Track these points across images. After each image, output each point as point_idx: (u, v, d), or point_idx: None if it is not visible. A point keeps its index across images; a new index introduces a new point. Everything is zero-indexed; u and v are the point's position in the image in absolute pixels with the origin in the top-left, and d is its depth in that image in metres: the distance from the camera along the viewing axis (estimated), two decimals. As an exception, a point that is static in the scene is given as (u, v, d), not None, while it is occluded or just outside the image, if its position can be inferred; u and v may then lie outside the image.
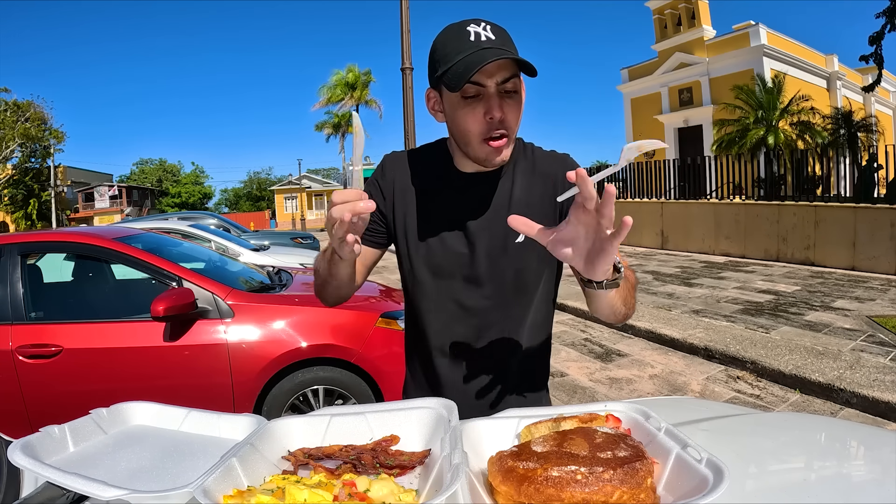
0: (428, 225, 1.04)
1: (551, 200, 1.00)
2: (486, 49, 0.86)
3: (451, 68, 0.87)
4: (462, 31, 0.88)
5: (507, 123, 0.92)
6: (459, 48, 0.87)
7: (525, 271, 1.03)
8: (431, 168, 1.06)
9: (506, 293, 1.04)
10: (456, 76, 0.86)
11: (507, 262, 1.01)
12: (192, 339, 2.60)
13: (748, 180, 9.84)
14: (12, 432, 2.51)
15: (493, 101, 0.89)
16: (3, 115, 26.89)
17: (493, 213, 1.02)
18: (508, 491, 0.54)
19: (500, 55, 0.84)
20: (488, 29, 0.89)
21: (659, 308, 5.74)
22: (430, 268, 1.05)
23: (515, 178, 1.04)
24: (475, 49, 0.86)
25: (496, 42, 0.88)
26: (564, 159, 1.07)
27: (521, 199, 1.03)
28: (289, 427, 0.72)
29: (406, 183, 1.06)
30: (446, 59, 0.89)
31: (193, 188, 50.84)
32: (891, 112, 22.14)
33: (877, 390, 3.24)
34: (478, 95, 0.89)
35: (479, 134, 0.92)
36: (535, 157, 1.07)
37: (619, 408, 0.71)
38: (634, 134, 21.09)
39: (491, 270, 1.02)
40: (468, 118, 0.91)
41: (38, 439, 0.66)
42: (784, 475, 0.70)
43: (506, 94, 0.90)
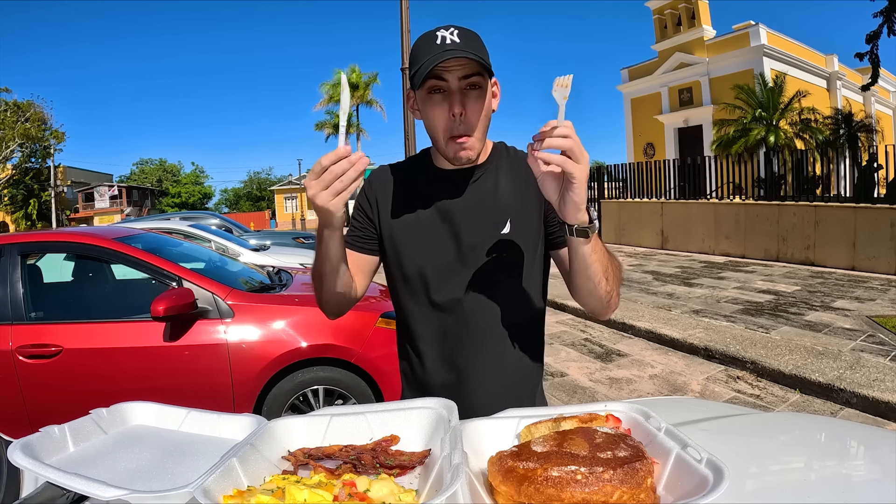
0: (413, 224, 1.07)
1: (535, 197, 1.05)
2: (447, 50, 0.93)
3: (417, 70, 0.96)
4: (432, 36, 0.96)
5: (469, 121, 0.98)
6: (427, 51, 0.95)
7: (512, 263, 1.05)
8: (414, 173, 1.12)
9: (494, 286, 1.05)
10: (419, 74, 0.94)
11: (494, 255, 1.04)
12: (192, 339, 2.60)
13: (748, 180, 9.84)
14: (12, 432, 2.51)
15: (454, 97, 0.96)
16: (3, 115, 26.88)
17: (478, 207, 1.06)
18: (508, 491, 0.54)
19: (456, 55, 0.92)
20: (455, 33, 0.96)
21: (659, 308, 5.74)
22: (417, 266, 1.06)
23: (499, 174, 1.09)
24: (438, 51, 0.94)
25: (460, 45, 0.94)
26: None
27: (505, 193, 1.07)
28: (289, 427, 0.72)
29: (390, 190, 1.11)
30: (416, 61, 0.97)
31: (193, 188, 50.84)
32: (891, 112, 22.14)
33: (877, 390, 3.24)
34: (442, 91, 0.97)
35: (444, 130, 0.99)
36: (517, 156, 1.12)
37: (619, 408, 0.70)
38: (635, 134, 21.10)
39: (478, 264, 1.04)
40: (434, 113, 0.99)
41: (38, 439, 0.66)
42: (784, 475, 0.70)
43: (469, 89, 0.97)
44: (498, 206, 1.06)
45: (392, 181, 1.12)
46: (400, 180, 1.12)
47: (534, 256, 1.08)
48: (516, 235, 1.05)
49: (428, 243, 1.06)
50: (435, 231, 1.06)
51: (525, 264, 1.07)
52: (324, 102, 28.83)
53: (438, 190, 1.08)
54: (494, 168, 1.10)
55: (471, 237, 1.04)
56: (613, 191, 13.18)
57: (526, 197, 1.07)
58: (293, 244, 9.36)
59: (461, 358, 1.07)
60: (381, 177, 1.14)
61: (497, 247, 1.05)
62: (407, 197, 1.09)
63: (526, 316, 1.10)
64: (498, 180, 1.09)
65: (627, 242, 11.57)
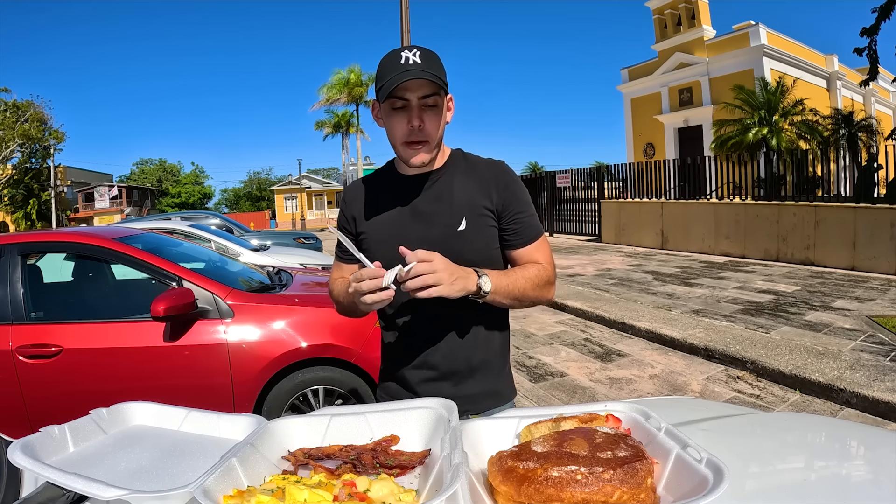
0: (384, 227, 1.20)
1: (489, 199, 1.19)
2: (409, 70, 1.06)
3: (383, 85, 1.08)
4: (397, 56, 1.09)
5: (426, 131, 1.11)
6: (392, 69, 1.07)
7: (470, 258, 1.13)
8: (381, 182, 1.26)
9: None
10: (383, 91, 1.07)
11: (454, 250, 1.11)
12: (192, 339, 2.60)
13: (748, 180, 9.84)
14: (12, 432, 2.51)
15: (413, 112, 1.10)
16: (3, 116, 26.87)
17: (436, 207, 1.18)
18: (508, 491, 0.54)
19: (418, 76, 1.05)
20: (417, 55, 1.08)
21: (659, 308, 5.74)
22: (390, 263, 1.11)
23: (455, 177, 1.21)
24: (401, 70, 1.06)
25: (421, 66, 1.07)
26: (500, 164, 1.24)
27: (461, 194, 1.19)
28: (289, 427, 0.72)
29: (362, 202, 1.25)
30: (382, 77, 1.09)
31: (193, 188, 50.84)
32: (891, 112, 22.14)
33: (877, 390, 3.24)
34: (403, 107, 1.10)
35: (401, 137, 1.12)
36: (472, 162, 1.25)
37: (619, 408, 0.70)
38: (635, 134, 21.10)
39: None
40: (394, 124, 1.12)
41: (38, 439, 0.66)
42: (784, 475, 0.70)
43: (427, 107, 1.10)
44: (454, 206, 1.18)
45: (363, 193, 1.26)
46: (369, 191, 1.26)
47: (489, 251, 1.20)
48: (471, 232, 1.17)
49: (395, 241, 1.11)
50: (402, 231, 1.17)
51: (482, 258, 1.17)
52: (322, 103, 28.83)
53: (401, 194, 1.21)
54: (451, 172, 1.22)
55: (432, 234, 1.15)
56: (613, 191, 13.18)
57: (479, 198, 1.19)
58: (293, 244, 9.36)
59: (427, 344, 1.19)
60: (354, 192, 1.28)
61: (455, 242, 1.15)
62: (376, 204, 1.23)
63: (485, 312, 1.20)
64: (454, 183, 1.20)
65: (627, 242, 11.57)
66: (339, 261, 1.33)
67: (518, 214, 1.21)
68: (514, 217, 1.21)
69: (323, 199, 43.05)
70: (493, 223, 1.19)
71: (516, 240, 1.21)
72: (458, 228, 1.16)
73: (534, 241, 1.23)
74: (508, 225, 1.20)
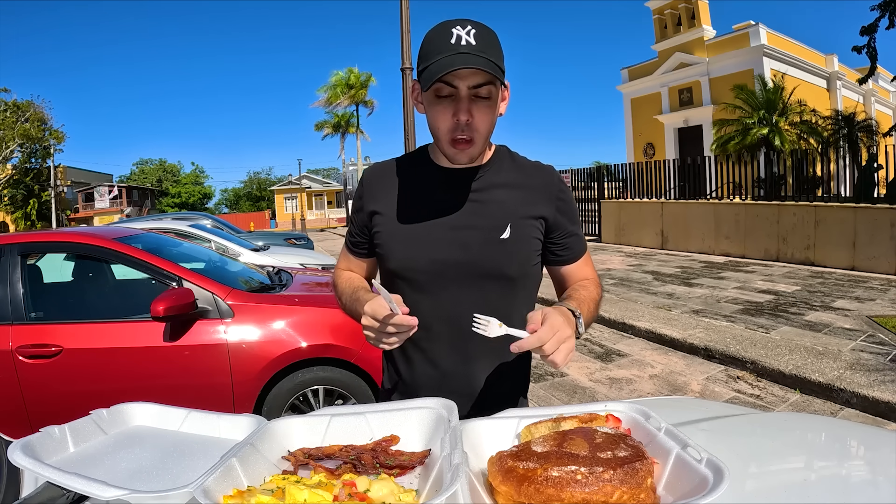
0: (410, 222, 1.04)
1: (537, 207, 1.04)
2: (461, 54, 0.88)
3: (427, 67, 0.91)
4: (447, 31, 0.91)
5: (474, 126, 0.95)
6: (440, 49, 0.90)
7: (504, 266, 1.02)
8: (412, 170, 1.09)
9: (487, 292, 1.03)
10: (428, 76, 0.90)
11: (486, 257, 1.01)
12: (192, 339, 2.60)
13: (748, 180, 9.84)
14: (12, 432, 2.51)
15: (461, 104, 0.93)
16: (3, 116, 26.87)
17: (478, 209, 1.03)
18: (508, 491, 0.54)
19: (471, 63, 0.87)
20: (472, 34, 0.90)
21: (659, 308, 5.74)
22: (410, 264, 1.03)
23: (501, 178, 1.06)
24: (452, 53, 0.89)
25: (476, 48, 0.89)
26: (552, 170, 1.11)
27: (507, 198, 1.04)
28: (289, 427, 0.72)
29: (386, 188, 1.08)
30: (427, 56, 0.92)
31: (193, 188, 50.84)
32: (891, 112, 22.13)
33: (877, 390, 3.24)
34: (450, 96, 0.93)
35: (446, 132, 0.96)
36: (519, 163, 1.10)
37: (619, 408, 0.70)
38: (635, 134, 21.09)
39: (474, 267, 1.02)
40: (438, 116, 0.96)
41: (38, 439, 0.66)
42: (784, 475, 0.70)
43: (478, 98, 0.93)
44: (499, 210, 1.03)
45: (388, 179, 1.09)
46: (396, 178, 1.09)
47: (530, 265, 1.06)
48: (516, 242, 1.03)
49: (424, 242, 1.02)
50: (432, 230, 1.02)
51: (522, 272, 1.05)
52: (321, 103, 28.85)
53: (438, 188, 1.05)
54: (496, 171, 1.06)
55: (470, 239, 1.01)
56: (613, 191, 13.18)
57: (527, 205, 1.05)
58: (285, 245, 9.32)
59: (448, 363, 1.04)
60: (376, 177, 1.10)
61: (495, 252, 1.02)
62: (404, 194, 1.06)
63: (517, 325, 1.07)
64: (500, 184, 1.05)
65: (627, 242, 11.56)
66: (350, 252, 1.17)
67: (571, 228, 1.09)
68: (567, 231, 1.08)
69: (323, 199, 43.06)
70: (539, 235, 1.06)
71: (568, 255, 1.09)
72: (502, 236, 1.01)
73: (583, 255, 1.12)
74: (561, 240, 1.08)
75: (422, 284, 1.03)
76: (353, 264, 1.18)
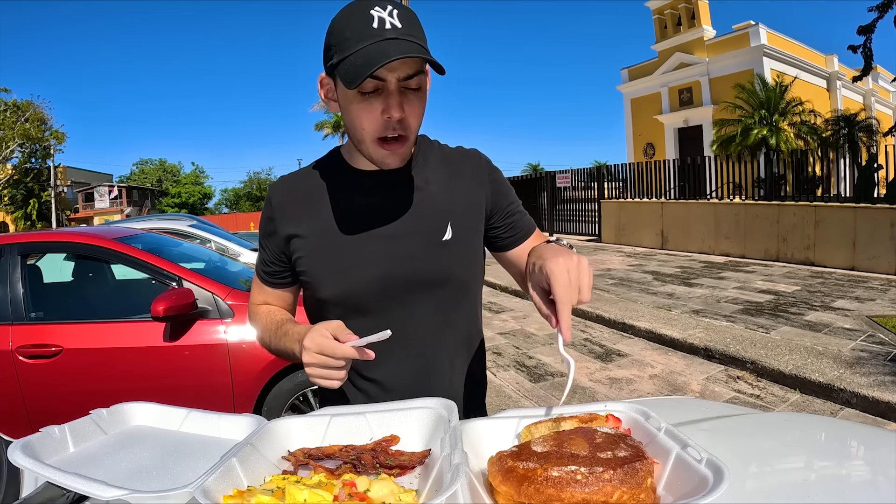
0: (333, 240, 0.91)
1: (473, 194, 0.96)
2: (390, 40, 0.75)
3: (348, 58, 0.77)
4: (364, 14, 0.76)
5: (407, 123, 0.83)
6: (360, 35, 0.76)
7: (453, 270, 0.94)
8: (326, 179, 0.95)
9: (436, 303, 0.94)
10: (353, 70, 0.75)
11: (432, 263, 0.91)
12: (192, 339, 2.60)
13: (748, 180, 9.84)
14: (12, 432, 2.51)
15: (392, 99, 0.79)
16: (2, 116, 26.89)
17: (412, 212, 0.92)
18: (508, 491, 0.54)
19: (406, 51, 0.74)
20: (395, 14, 0.76)
21: (659, 308, 5.74)
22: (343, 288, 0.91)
23: (429, 172, 0.95)
24: (377, 38, 0.75)
25: (403, 31, 0.77)
26: (478, 153, 1.02)
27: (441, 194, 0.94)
28: (289, 427, 0.71)
29: (302, 206, 0.93)
30: (344, 45, 0.78)
31: (193, 188, 50.84)
32: (891, 112, 22.14)
33: (877, 390, 3.24)
34: (376, 91, 0.79)
35: (373, 132, 0.82)
36: (446, 153, 1.00)
37: (619, 408, 0.70)
38: (635, 134, 21.10)
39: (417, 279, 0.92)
40: (363, 115, 0.81)
41: (38, 439, 0.66)
42: (784, 475, 0.70)
43: (408, 91, 0.81)
44: (435, 210, 0.92)
45: (301, 193, 0.94)
46: (309, 190, 0.94)
47: (478, 264, 0.98)
48: (459, 241, 0.93)
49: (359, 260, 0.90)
50: (366, 244, 0.90)
51: (470, 274, 0.96)
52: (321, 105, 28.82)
53: (363, 195, 0.92)
54: (422, 165, 0.95)
55: (407, 248, 0.90)
56: (613, 191, 13.18)
57: (463, 197, 0.94)
58: None
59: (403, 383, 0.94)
60: (286, 191, 0.95)
61: (439, 256, 0.91)
62: (323, 209, 0.92)
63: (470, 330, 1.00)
64: (429, 180, 0.94)
65: (627, 242, 11.56)
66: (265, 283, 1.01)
67: (511, 206, 1.00)
68: (508, 210, 1.00)
69: (323, 199, 42.98)
70: (481, 227, 0.97)
71: (516, 235, 1.00)
72: (444, 238, 0.91)
73: (533, 232, 1.02)
74: (503, 222, 0.99)
75: (363, 307, 0.91)
76: (271, 296, 1.02)
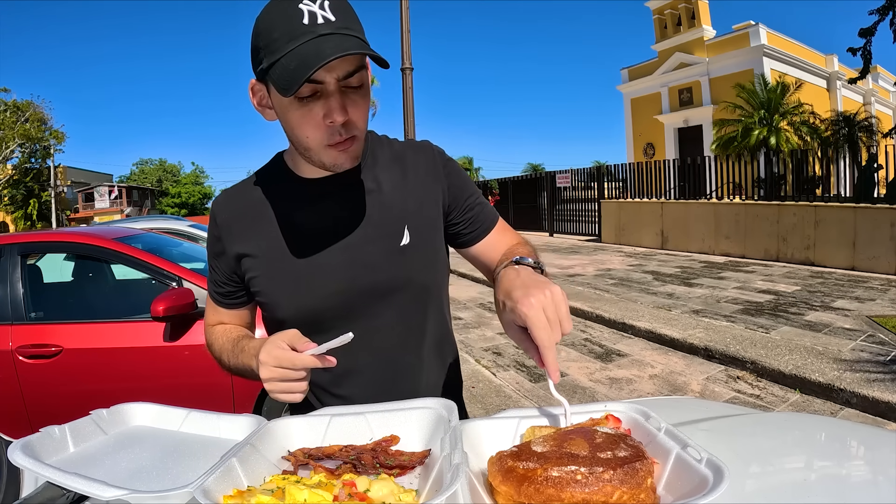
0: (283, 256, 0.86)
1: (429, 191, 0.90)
2: (324, 36, 0.68)
3: (279, 62, 0.69)
4: (293, 9, 0.69)
5: (355, 124, 0.76)
6: (290, 33, 0.69)
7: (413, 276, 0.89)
8: (270, 190, 0.89)
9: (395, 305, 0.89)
10: (286, 75, 0.68)
11: (392, 272, 0.87)
12: (192, 339, 2.60)
13: (748, 180, 9.85)
14: (12, 432, 2.51)
15: (333, 102, 0.73)
16: (2, 116, 26.91)
17: (365, 218, 0.86)
18: (508, 491, 0.54)
19: (345, 47, 0.68)
20: (326, 6, 0.70)
21: (659, 308, 5.74)
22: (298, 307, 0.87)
23: (379, 172, 0.89)
24: (310, 36, 0.68)
25: (337, 24, 0.70)
26: (429, 145, 0.96)
27: (394, 195, 0.88)
28: (289, 427, 0.71)
29: (248, 221, 0.88)
30: (273, 47, 0.70)
31: (193, 188, 50.86)
32: (891, 112, 22.14)
33: (877, 390, 3.24)
34: (315, 94, 0.73)
35: (319, 140, 0.76)
36: (396, 149, 0.93)
37: (619, 408, 0.70)
38: (635, 134, 21.10)
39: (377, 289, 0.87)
40: (304, 123, 0.75)
41: (38, 439, 0.66)
42: (784, 475, 0.70)
43: (348, 89, 0.74)
44: (390, 214, 0.87)
45: (245, 208, 0.89)
46: (254, 204, 0.88)
47: (437, 264, 0.92)
48: (418, 244, 0.88)
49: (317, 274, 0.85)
50: (317, 259, 0.85)
51: (431, 279, 0.91)
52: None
53: (310, 206, 0.86)
54: (371, 165, 0.89)
55: (364, 257, 0.85)
56: (613, 191, 13.19)
57: (418, 195, 0.89)
58: None
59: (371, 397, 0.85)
60: (230, 207, 0.89)
61: (398, 263, 0.86)
62: (269, 223, 0.87)
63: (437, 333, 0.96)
64: (381, 181, 0.88)
65: (627, 242, 11.56)
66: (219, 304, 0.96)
67: (470, 199, 0.94)
68: (467, 204, 0.93)
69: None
70: (440, 224, 0.92)
71: (478, 228, 0.94)
72: (402, 243, 0.86)
73: (496, 223, 0.96)
74: (462, 216, 0.93)
75: (325, 323, 0.86)
76: (226, 316, 0.98)
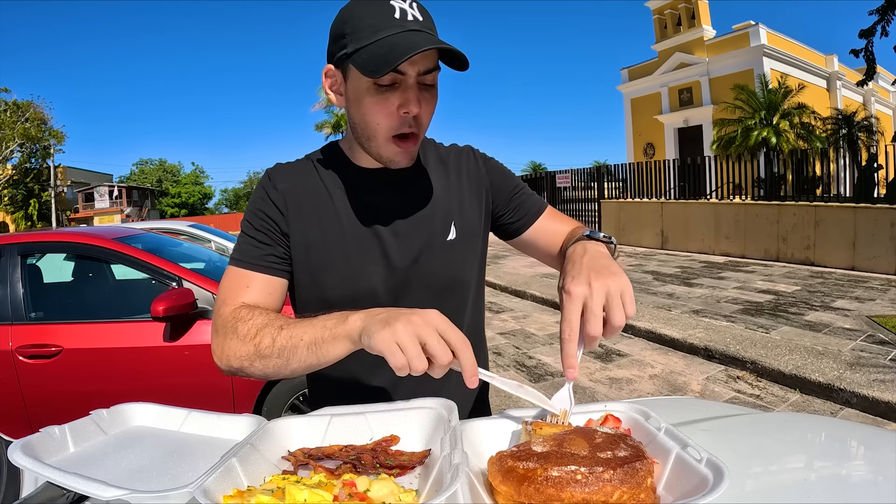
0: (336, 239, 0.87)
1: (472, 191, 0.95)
2: (413, 31, 0.73)
3: (367, 47, 0.73)
4: (384, 4, 0.74)
5: (421, 120, 0.80)
6: (380, 24, 0.73)
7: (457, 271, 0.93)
8: (329, 174, 0.90)
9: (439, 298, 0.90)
10: (375, 59, 0.72)
11: (438, 264, 0.90)
12: (192, 339, 2.60)
13: (748, 180, 9.85)
14: (12, 432, 2.51)
15: (411, 94, 0.76)
16: (2, 116, 26.92)
17: (418, 212, 0.90)
18: (508, 491, 0.54)
19: (432, 42, 0.72)
20: (415, 6, 0.75)
21: (659, 308, 5.74)
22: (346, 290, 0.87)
23: (430, 171, 0.94)
24: (401, 29, 0.73)
25: (424, 23, 0.75)
26: (468, 149, 1.01)
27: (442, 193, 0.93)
28: (289, 427, 0.71)
29: (301, 195, 0.88)
30: (361, 34, 0.74)
31: (193, 188, 50.90)
32: (891, 112, 22.14)
33: (877, 390, 3.24)
34: (394, 84, 0.76)
35: (387, 129, 0.79)
36: (442, 152, 0.98)
37: (619, 408, 0.70)
38: (635, 134, 21.10)
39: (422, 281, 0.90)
40: (378, 110, 0.78)
41: (38, 439, 0.65)
42: (784, 475, 0.70)
43: (424, 86, 0.78)
44: (439, 210, 0.91)
45: (301, 181, 0.89)
46: (312, 181, 0.90)
47: (478, 261, 0.97)
48: (462, 241, 0.92)
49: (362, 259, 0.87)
50: (369, 244, 0.87)
51: (473, 277, 0.95)
52: (321, 105, 28.83)
53: (367, 194, 0.89)
54: (423, 165, 0.94)
55: (413, 249, 0.88)
56: (613, 191, 13.19)
57: (462, 194, 0.94)
58: None
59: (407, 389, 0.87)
60: (288, 178, 0.90)
61: (443, 257, 0.90)
62: (326, 204, 0.88)
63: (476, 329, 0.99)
64: (430, 179, 0.93)
65: (627, 242, 11.56)
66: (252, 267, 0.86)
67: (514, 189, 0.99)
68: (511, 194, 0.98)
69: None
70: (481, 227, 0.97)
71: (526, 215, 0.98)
72: (448, 238, 0.90)
73: (545, 209, 1.00)
74: (508, 206, 0.98)
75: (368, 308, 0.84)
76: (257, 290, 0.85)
